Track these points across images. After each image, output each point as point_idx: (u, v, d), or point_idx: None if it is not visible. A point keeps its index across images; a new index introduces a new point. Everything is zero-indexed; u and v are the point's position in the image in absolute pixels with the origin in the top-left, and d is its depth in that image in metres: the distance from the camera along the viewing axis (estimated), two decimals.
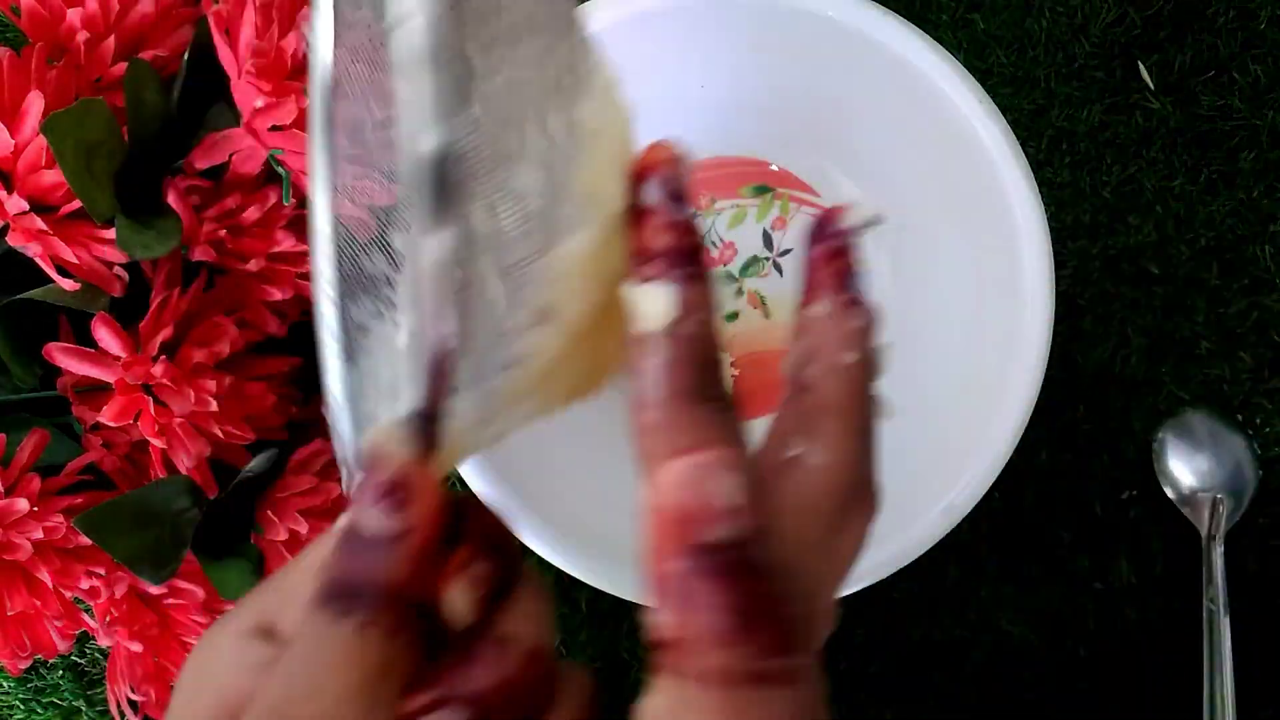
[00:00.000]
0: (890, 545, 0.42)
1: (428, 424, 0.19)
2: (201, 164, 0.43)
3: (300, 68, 0.42)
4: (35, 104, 0.38)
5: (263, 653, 0.20)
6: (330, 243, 0.22)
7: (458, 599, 0.20)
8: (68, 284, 0.40)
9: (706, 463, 0.16)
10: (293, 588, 0.21)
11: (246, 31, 0.40)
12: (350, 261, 0.23)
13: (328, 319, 0.22)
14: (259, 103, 0.41)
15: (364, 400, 0.22)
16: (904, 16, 0.43)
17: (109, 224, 0.41)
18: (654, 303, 0.19)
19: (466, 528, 0.21)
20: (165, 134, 0.43)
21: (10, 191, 0.39)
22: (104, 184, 0.40)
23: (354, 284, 0.23)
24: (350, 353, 0.23)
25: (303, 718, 0.18)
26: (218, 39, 0.41)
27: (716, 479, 0.16)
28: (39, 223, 0.39)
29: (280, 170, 0.43)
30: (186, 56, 0.43)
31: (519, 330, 0.19)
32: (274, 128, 0.42)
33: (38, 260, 0.40)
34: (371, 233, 0.23)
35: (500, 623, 0.21)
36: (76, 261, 0.40)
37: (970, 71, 0.43)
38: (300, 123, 0.41)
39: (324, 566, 0.19)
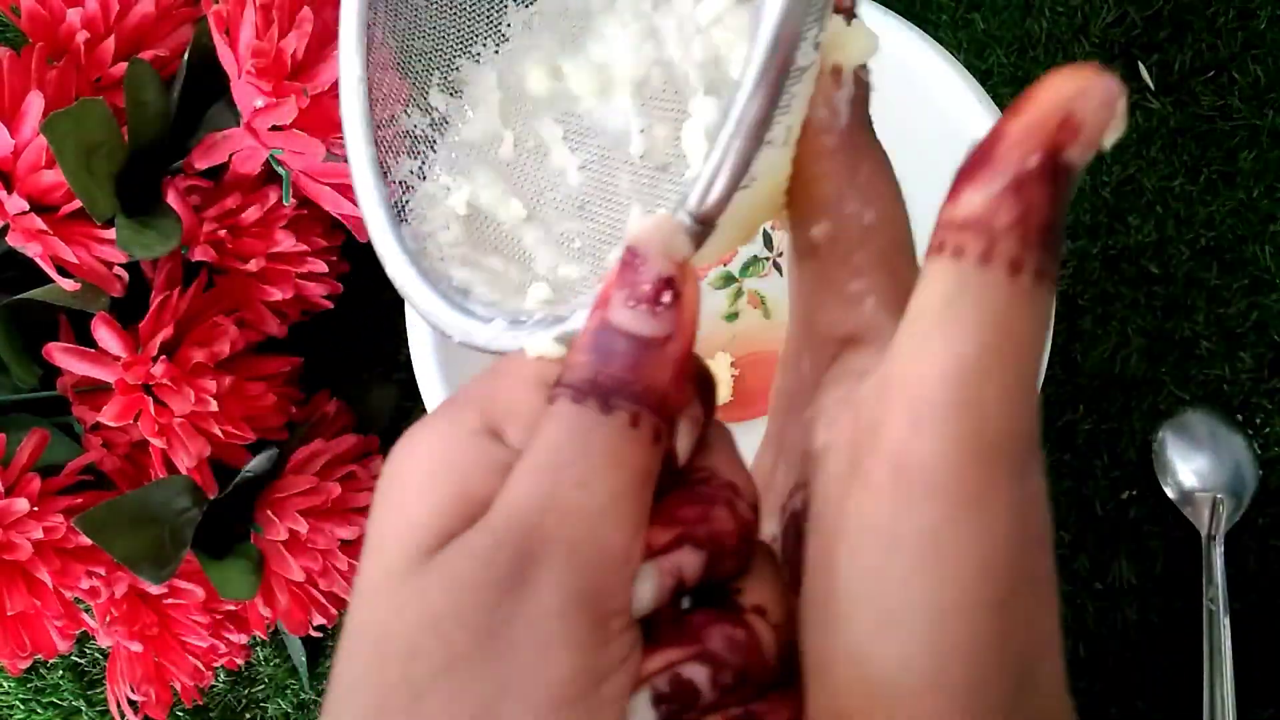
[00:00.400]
0: None
1: (703, 230, 0.18)
2: (201, 164, 0.43)
3: (300, 67, 0.42)
4: (35, 104, 0.39)
5: (505, 455, 0.18)
6: (362, 99, 0.23)
7: (682, 436, 0.19)
8: (68, 284, 0.40)
9: (1107, 94, 0.16)
10: (507, 397, 0.19)
11: (246, 31, 0.40)
12: (389, 123, 0.23)
13: (367, 177, 0.23)
14: (259, 103, 0.41)
15: (424, 258, 0.23)
16: (904, 16, 0.43)
17: (109, 224, 0.41)
18: (864, 39, 0.20)
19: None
20: (165, 134, 0.43)
21: (10, 191, 0.39)
22: (104, 184, 0.40)
23: (395, 143, 0.24)
24: (400, 213, 0.23)
25: (567, 514, 0.17)
26: (218, 39, 0.41)
27: (1102, 108, 0.16)
28: (39, 223, 0.39)
29: (280, 170, 0.43)
30: (186, 56, 0.43)
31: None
32: (274, 128, 0.42)
33: (38, 260, 0.40)
34: (406, 91, 0.24)
35: (711, 470, 0.20)
36: (76, 261, 0.40)
37: (970, 71, 0.43)
38: (300, 123, 0.41)
39: (570, 366, 0.18)
